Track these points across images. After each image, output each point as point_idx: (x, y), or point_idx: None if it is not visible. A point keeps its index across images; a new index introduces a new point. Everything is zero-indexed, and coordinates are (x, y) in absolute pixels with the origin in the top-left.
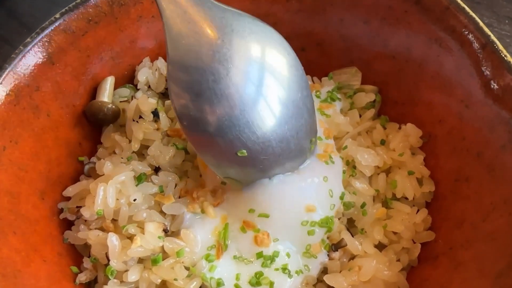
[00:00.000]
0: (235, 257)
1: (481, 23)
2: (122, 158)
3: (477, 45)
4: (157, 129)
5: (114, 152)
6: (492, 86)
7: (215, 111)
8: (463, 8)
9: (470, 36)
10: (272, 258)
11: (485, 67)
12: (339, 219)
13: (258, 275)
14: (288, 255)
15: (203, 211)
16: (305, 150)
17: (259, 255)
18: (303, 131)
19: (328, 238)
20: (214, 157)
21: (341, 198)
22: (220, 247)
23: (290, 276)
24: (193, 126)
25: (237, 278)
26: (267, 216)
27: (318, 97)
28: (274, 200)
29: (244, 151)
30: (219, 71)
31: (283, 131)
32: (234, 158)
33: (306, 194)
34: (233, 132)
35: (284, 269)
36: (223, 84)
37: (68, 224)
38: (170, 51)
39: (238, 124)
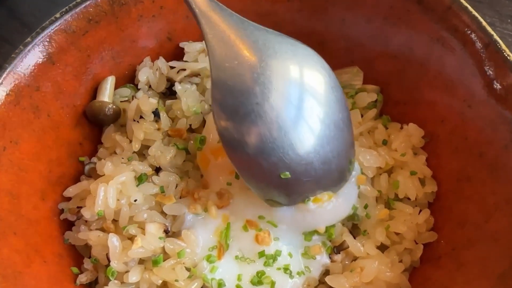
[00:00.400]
0: (237, 257)
1: (484, 22)
2: (122, 158)
3: (480, 44)
4: (158, 129)
5: (115, 152)
6: (495, 86)
7: (259, 133)
8: (466, 7)
9: (472, 36)
10: (274, 257)
11: (488, 67)
12: (343, 224)
13: (260, 274)
14: (290, 255)
15: (205, 211)
16: (345, 171)
17: (261, 254)
18: (343, 151)
19: (330, 241)
20: (256, 179)
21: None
22: (222, 247)
23: (291, 276)
24: (237, 148)
25: (239, 278)
26: (275, 226)
27: None
28: (290, 219)
29: (288, 173)
30: (261, 93)
31: (326, 152)
32: (277, 180)
33: (325, 222)
34: (277, 154)
35: (286, 269)
36: (266, 106)
37: (68, 225)
38: (214, 73)
39: (282, 146)
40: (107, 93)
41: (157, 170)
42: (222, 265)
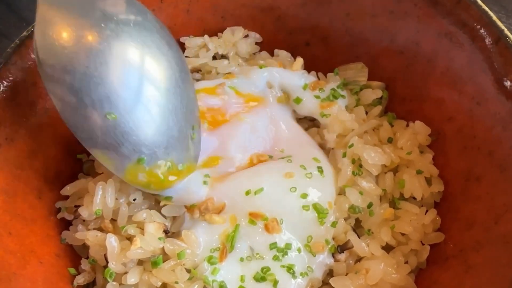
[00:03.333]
0: (241, 259)
1: (494, 17)
2: None
3: (490, 39)
4: None
5: None
6: (505, 83)
7: (97, 117)
8: (475, 1)
9: (482, 31)
10: (284, 251)
11: (497, 63)
12: (345, 219)
13: (265, 270)
14: (299, 250)
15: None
16: (186, 137)
17: (273, 245)
18: (180, 110)
19: (333, 239)
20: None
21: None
22: (225, 249)
23: (294, 277)
24: (86, 140)
25: (242, 279)
26: (262, 189)
27: (317, 97)
28: (259, 173)
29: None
30: (99, 75)
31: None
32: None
33: (280, 166)
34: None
35: (289, 268)
36: (103, 88)
37: (66, 224)
38: (41, 52)
39: (123, 127)
40: None
41: None
42: (224, 267)
